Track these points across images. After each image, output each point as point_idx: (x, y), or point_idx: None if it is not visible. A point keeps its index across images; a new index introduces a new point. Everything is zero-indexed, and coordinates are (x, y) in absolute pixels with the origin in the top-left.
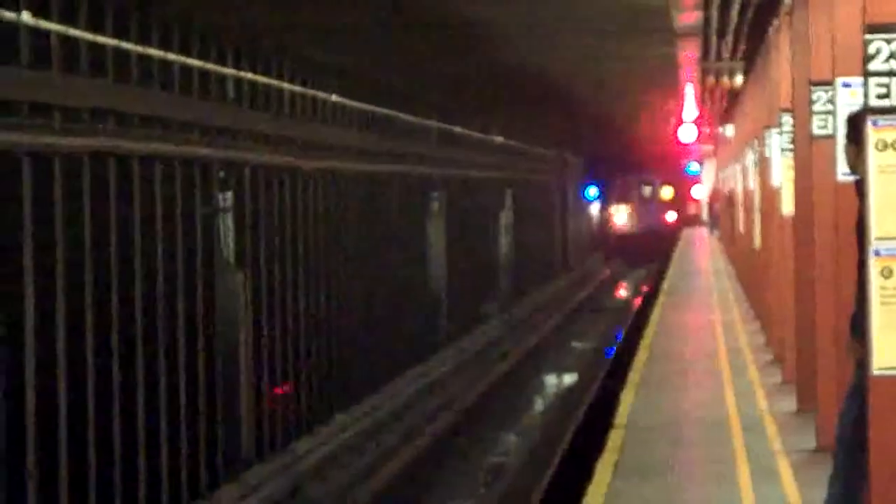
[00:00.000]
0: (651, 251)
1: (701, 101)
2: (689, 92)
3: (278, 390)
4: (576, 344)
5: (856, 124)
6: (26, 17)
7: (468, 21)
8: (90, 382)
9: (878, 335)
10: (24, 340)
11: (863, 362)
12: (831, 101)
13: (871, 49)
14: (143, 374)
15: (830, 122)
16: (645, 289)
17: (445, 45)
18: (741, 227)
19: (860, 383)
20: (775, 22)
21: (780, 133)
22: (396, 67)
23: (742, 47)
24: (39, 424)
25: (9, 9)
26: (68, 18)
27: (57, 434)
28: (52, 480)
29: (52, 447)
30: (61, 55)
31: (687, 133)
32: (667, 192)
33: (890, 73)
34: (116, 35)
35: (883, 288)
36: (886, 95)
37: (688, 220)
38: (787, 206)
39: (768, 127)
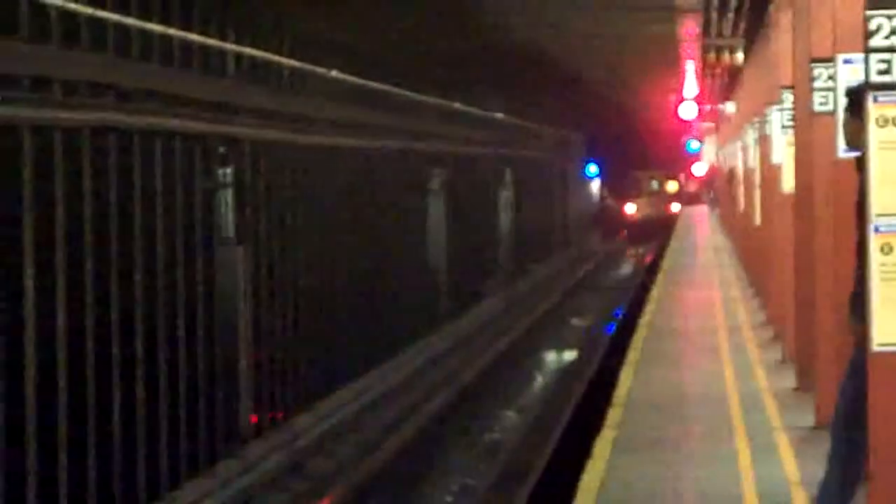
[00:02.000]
0: (653, 231)
1: (702, 78)
2: (690, 69)
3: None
4: (576, 321)
5: (858, 98)
6: None
7: None
8: (90, 357)
9: (878, 311)
10: (23, 315)
11: (862, 340)
12: (832, 77)
13: (872, 25)
14: (142, 349)
15: (831, 98)
16: (645, 266)
17: (447, 20)
18: (741, 205)
19: (859, 361)
20: None
21: (781, 110)
22: (397, 42)
23: (743, 24)
24: (38, 398)
25: None
26: None
27: (56, 407)
28: (50, 453)
29: (52, 419)
30: (61, 29)
31: (687, 110)
32: (672, 186)
33: (891, 49)
34: (117, 9)
35: (883, 264)
36: (887, 71)
37: (689, 199)
38: (788, 183)
39: (769, 104)
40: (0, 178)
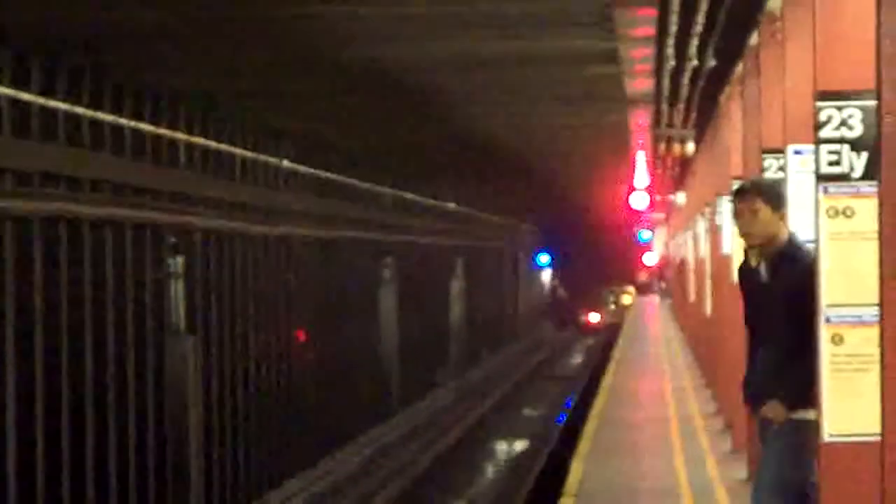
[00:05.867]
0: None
1: (653, 169)
2: (641, 159)
3: None
4: (527, 411)
5: (775, 190)
6: None
7: (422, 88)
8: (39, 445)
9: (829, 402)
10: None
11: (775, 429)
12: (782, 168)
13: (822, 116)
14: (92, 439)
15: None
16: (596, 356)
17: (399, 111)
18: (692, 295)
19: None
20: (726, 90)
21: (732, 200)
22: (349, 133)
23: (693, 115)
24: None
25: None
26: (20, 83)
27: (5, 496)
28: None
29: None
30: (13, 119)
31: (639, 200)
32: (627, 299)
33: (841, 141)
34: (68, 99)
35: (834, 355)
36: (837, 163)
37: (639, 289)
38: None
39: (720, 194)
40: None
